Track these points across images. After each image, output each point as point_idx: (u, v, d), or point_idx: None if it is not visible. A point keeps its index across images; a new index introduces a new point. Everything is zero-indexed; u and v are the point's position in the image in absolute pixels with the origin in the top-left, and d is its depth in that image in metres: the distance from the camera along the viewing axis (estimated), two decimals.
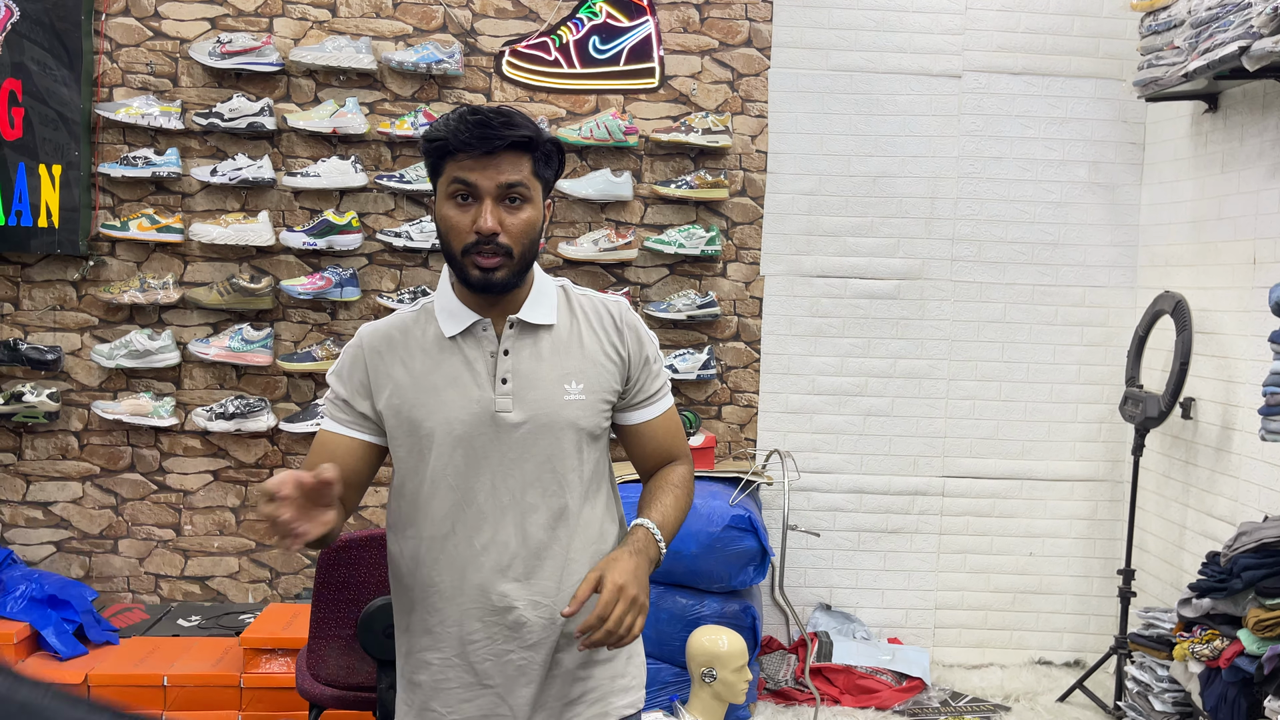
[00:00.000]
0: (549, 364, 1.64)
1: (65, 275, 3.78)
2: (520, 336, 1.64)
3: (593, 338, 1.68)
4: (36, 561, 3.83)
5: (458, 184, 1.56)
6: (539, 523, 1.62)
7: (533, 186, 1.59)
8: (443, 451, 1.61)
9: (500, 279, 1.58)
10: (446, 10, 3.82)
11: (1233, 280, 3.36)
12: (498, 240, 1.56)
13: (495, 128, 1.54)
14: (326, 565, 2.54)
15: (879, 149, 3.93)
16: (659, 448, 1.76)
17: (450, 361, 1.63)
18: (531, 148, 1.57)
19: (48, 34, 3.65)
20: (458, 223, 1.58)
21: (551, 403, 1.62)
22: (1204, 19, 3.06)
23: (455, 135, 1.54)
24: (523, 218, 1.58)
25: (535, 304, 1.66)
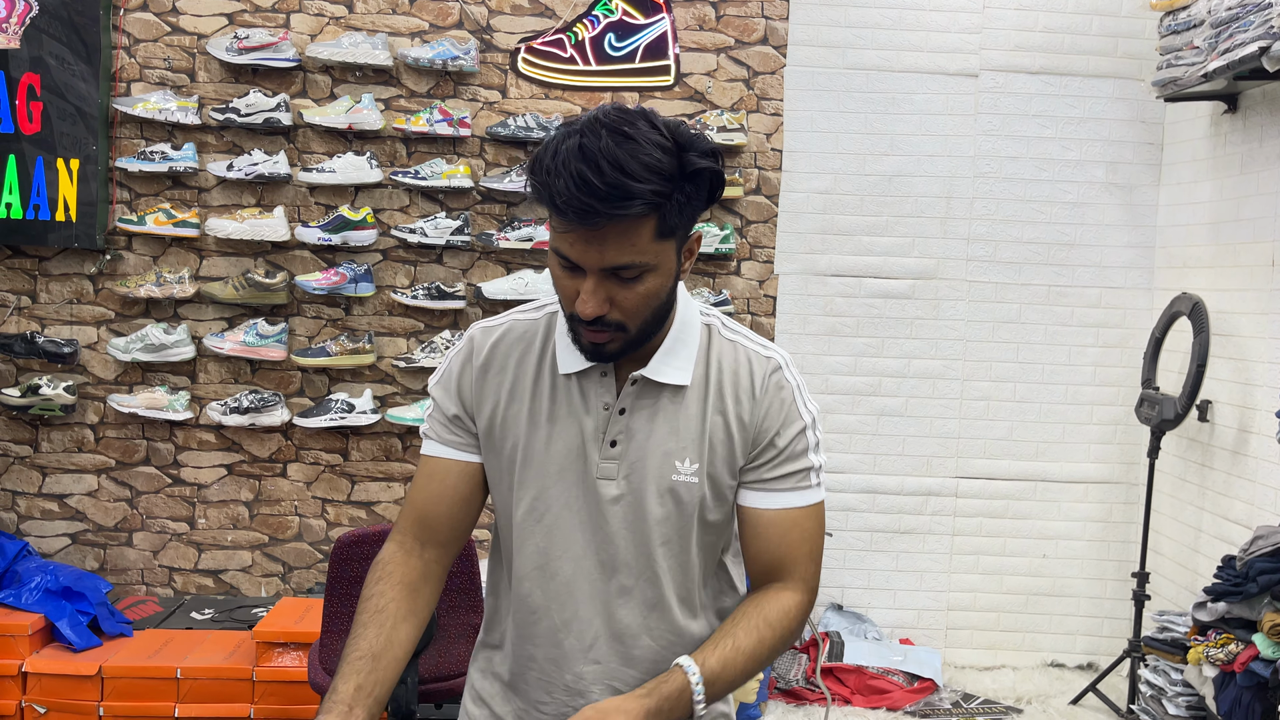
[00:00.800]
0: (664, 432, 1.37)
1: (82, 269, 3.80)
2: (642, 396, 1.38)
3: (720, 405, 1.38)
4: (52, 553, 3.86)
5: (557, 253, 1.27)
6: (630, 608, 1.40)
7: (657, 254, 1.26)
8: (536, 505, 1.41)
9: (613, 351, 1.32)
10: (463, 7, 3.83)
11: (1251, 282, 3.34)
12: (605, 319, 1.28)
13: (602, 199, 1.18)
14: (339, 560, 2.55)
15: (895, 148, 3.92)
16: (764, 551, 1.40)
17: (562, 403, 1.39)
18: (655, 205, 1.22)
19: (66, 29, 3.68)
20: (563, 286, 1.30)
21: (657, 480, 1.37)
22: (1224, 19, 3.03)
23: (553, 195, 1.20)
24: (639, 291, 1.27)
25: (668, 355, 1.37)
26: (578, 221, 1.20)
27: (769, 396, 1.39)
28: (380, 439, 3.89)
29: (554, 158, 1.21)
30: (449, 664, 2.57)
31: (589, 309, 1.25)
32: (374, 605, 1.39)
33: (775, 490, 1.39)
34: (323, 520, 3.91)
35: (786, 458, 1.39)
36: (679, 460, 1.37)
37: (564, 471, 1.39)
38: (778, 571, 1.40)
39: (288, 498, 3.89)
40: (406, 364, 3.78)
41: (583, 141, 1.20)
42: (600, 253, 1.23)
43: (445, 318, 3.86)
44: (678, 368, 1.37)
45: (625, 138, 1.20)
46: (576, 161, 1.19)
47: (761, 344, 1.44)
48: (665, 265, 1.28)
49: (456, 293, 3.78)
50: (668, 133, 1.24)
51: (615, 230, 1.22)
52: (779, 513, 1.39)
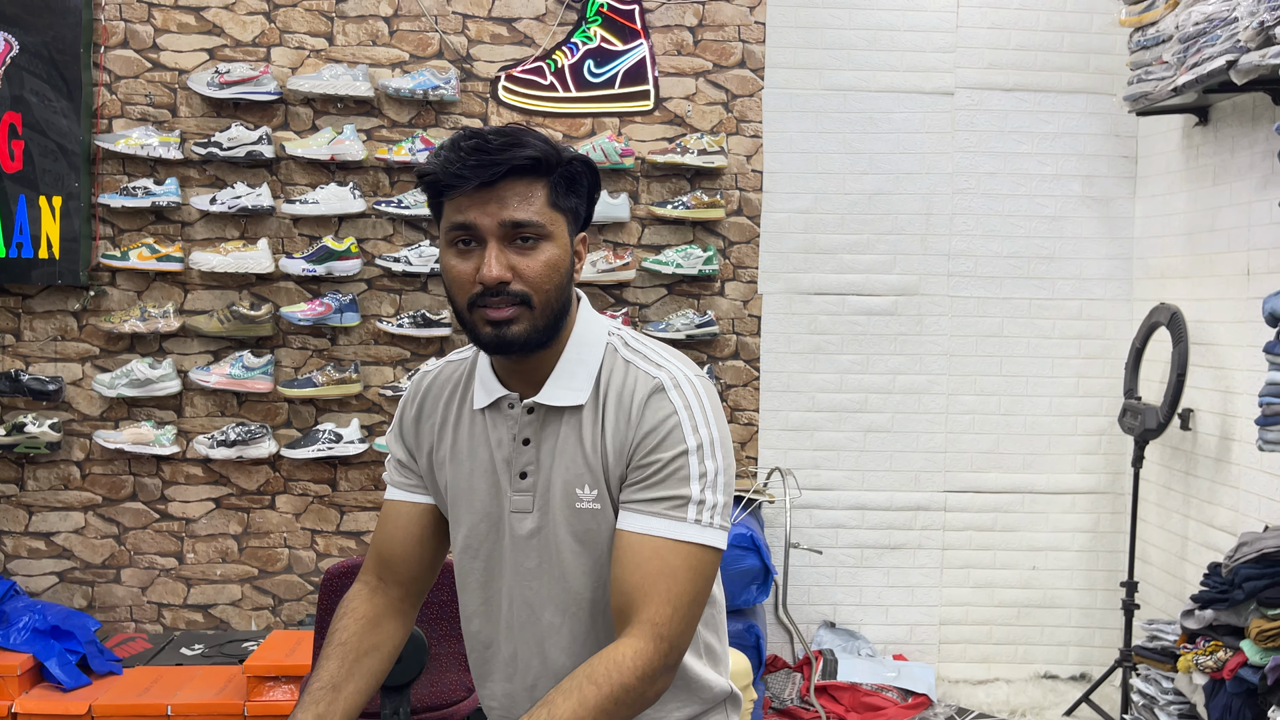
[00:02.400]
0: (565, 460, 1.33)
1: (66, 306, 3.80)
2: (542, 423, 1.34)
3: (606, 425, 1.32)
4: (39, 592, 3.83)
5: (457, 229, 1.27)
6: (561, 645, 1.37)
7: (552, 220, 1.29)
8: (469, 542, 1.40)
9: (517, 334, 1.27)
10: (442, 37, 3.86)
11: (1227, 291, 3.38)
12: (509, 289, 1.26)
13: (492, 152, 1.24)
14: (330, 591, 2.55)
15: (873, 166, 3.96)
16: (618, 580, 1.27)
17: (478, 438, 1.38)
18: (544, 170, 1.27)
19: (47, 66, 3.69)
20: (460, 273, 1.28)
21: (563, 510, 1.33)
22: (1192, 34, 3.09)
23: (446, 168, 1.25)
24: (541, 259, 1.28)
25: (564, 378, 1.33)
26: (472, 176, 1.24)
27: (644, 417, 1.29)
28: (368, 468, 3.88)
29: (442, 148, 1.29)
30: (441, 693, 2.56)
31: (493, 272, 1.25)
32: (337, 639, 1.41)
33: (640, 513, 1.27)
34: (312, 551, 3.90)
35: (657, 480, 1.27)
36: (579, 488, 1.31)
37: (486, 507, 1.38)
38: (628, 608, 1.25)
39: (276, 530, 3.88)
40: (393, 392, 3.78)
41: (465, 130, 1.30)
42: (500, 208, 1.26)
43: (431, 345, 3.87)
44: (573, 389, 1.32)
45: (499, 129, 1.29)
46: (462, 139, 1.27)
47: (657, 362, 1.34)
48: (560, 240, 1.30)
49: (442, 320, 3.79)
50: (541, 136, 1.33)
51: (511, 188, 1.26)
52: (638, 537, 1.26)
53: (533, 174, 1.27)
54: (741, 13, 3.91)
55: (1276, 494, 3.11)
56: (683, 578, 1.26)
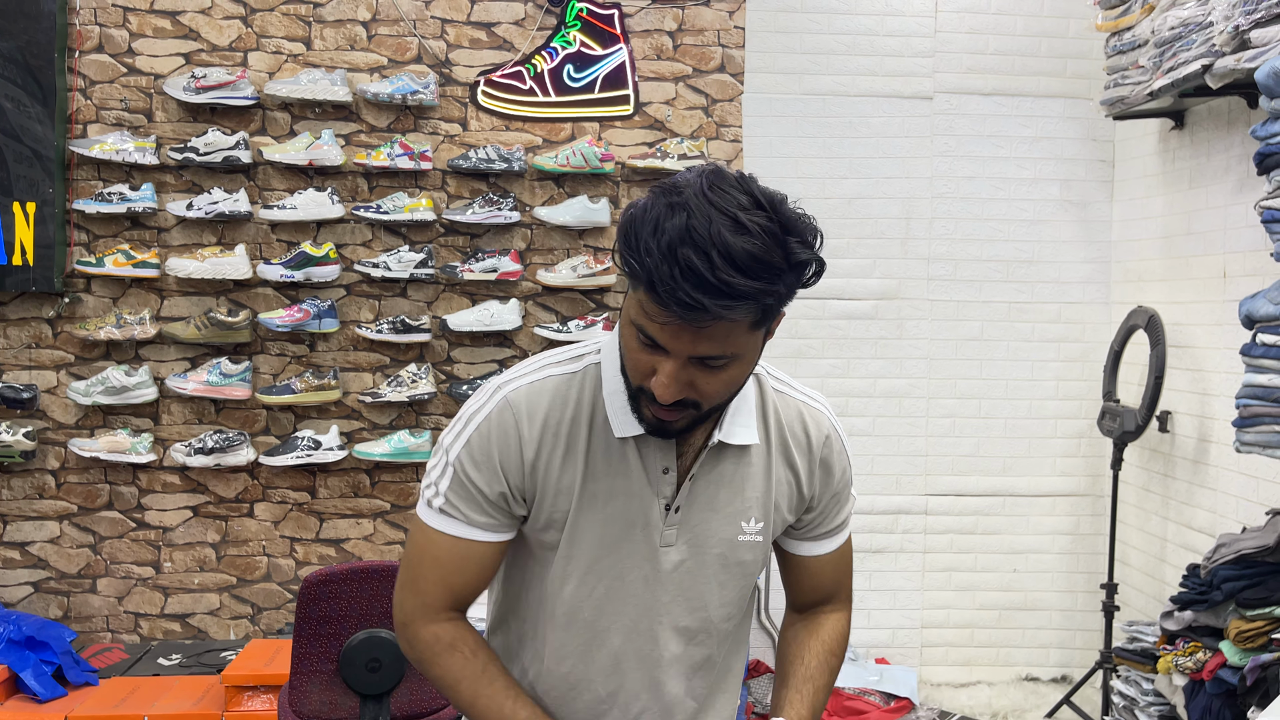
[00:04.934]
0: (729, 492, 1.31)
1: (40, 313, 3.76)
2: (711, 461, 1.30)
3: (784, 462, 1.34)
4: (14, 603, 3.78)
5: (641, 331, 1.16)
6: (676, 673, 1.36)
7: (746, 345, 1.18)
8: (585, 579, 1.32)
9: (678, 427, 1.22)
10: (421, 42, 3.85)
11: (1204, 294, 3.40)
12: (682, 401, 1.18)
13: (712, 295, 1.07)
14: (308, 600, 2.52)
15: (853, 171, 3.97)
16: (821, 585, 1.45)
17: (618, 469, 1.28)
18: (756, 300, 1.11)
19: (21, 71, 3.65)
20: (636, 360, 1.19)
21: (721, 543, 1.31)
22: (1167, 38, 3.11)
23: (655, 282, 1.09)
24: (724, 378, 1.19)
25: (736, 416, 1.29)
26: (680, 315, 1.09)
27: (827, 452, 1.38)
28: (348, 475, 3.85)
29: (656, 235, 1.09)
30: (421, 701, 2.54)
31: (669, 394, 1.15)
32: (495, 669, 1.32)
33: (828, 538, 1.44)
34: (291, 560, 3.87)
35: (840, 508, 1.43)
36: (744, 520, 1.32)
37: (621, 541, 1.30)
38: (830, 597, 1.47)
39: (255, 538, 3.85)
40: (373, 399, 3.76)
41: (691, 223, 1.08)
42: (693, 343, 1.13)
43: (411, 351, 3.85)
44: (745, 426, 1.31)
45: (735, 223, 1.09)
46: (684, 247, 1.07)
47: (807, 395, 1.40)
48: (752, 354, 1.21)
49: (421, 326, 3.77)
50: (772, 212, 1.14)
51: (713, 325, 1.12)
52: (835, 553, 1.45)
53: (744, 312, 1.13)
54: (721, 18, 3.91)
55: (1254, 495, 3.13)
56: (850, 554, 1.49)
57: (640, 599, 1.32)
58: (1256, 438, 2.75)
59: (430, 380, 3.77)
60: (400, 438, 3.79)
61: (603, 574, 1.31)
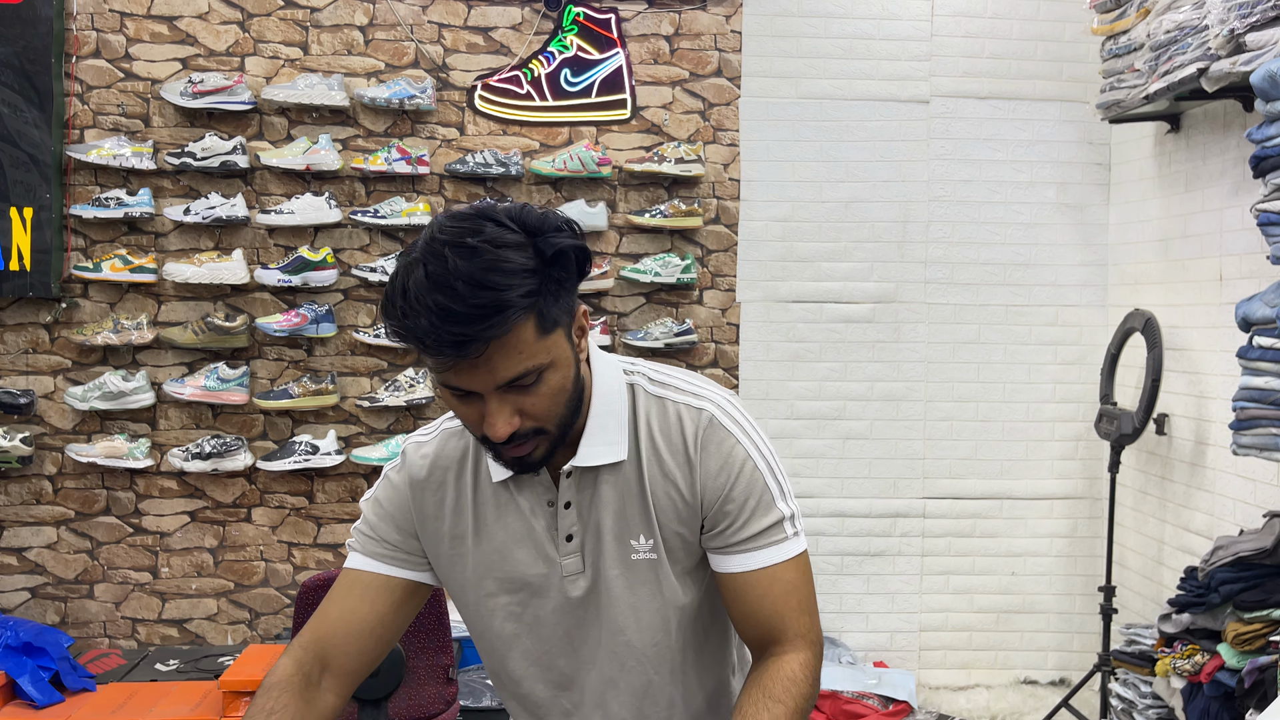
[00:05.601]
0: (612, 513, 1.29)
1: (37, 318, 3.75)
2: (581, 484, 1.29)
3: (659, 472, 1.28)
4: (11, 609, 3.78)
5: (448, 386, 1.16)
6: (622, 700, 1.36)
7: (548, 349, 1.16)
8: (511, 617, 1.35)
9: (539, 458, 1.22)
10: (418, 46, 3.85)
11: (1200, 297, 3.41)
12: (519, 432, 1.18)
13: (472, 323, 1.08)
14: (305, 604, 2.52)
15: (850, 174, 3.97)
16: (750, 615, 1.30)
17: (507, 511, 1.30)
18: (529, 309, 1.13)
19: (18, 76, 3.65)
20: (464, 415, 1.20)
21: (618, 564, 1.30)
22: (1163, 42, 3.11)
23: (420, 339, 1.10)
24: (544, 392, 1.17)
25: (596, 435, 1.27)
26: (457, 355, 1.10)
27: (707, 454, 1.27)
28: (345, 480, 3.85)
29: (404, 296, 1.10)
30: (419, 706, 2.54)
31: (500, 430, 1.15)
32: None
33: (747, 551, 1.28)
34: (289, 564, 3.86)
35: (750, 515, 1.28)
36: (632, 539, 1.29)
37: (527, 576, 1.32)
38: (770, 634, 1.30)
39: (253, 543, 3.84)
40: (370, 404, 3.76)
41: (428, 269, 1.09)
42: (490, 373, 1.13)
43: (409, 356, 3.85)
44: (609, 443, 1.27)
45: (470, 250, 1.09)
46: (429, 294, 1.07)
47: (693, 392, 1.31)
48: (562, 358, 1.18)
49: None
50: (511, 223, 1.14)
51: (496, 348, 1.11)
52: (757, 573, 1.28)
53: (518, 321, 1.12)
54: (718, 22, 3.92)
55: (1251, 498, 3.13)
56: (802, 585, 1.31)
57: (560, 626, 1.34)
58: (1253, 440, 2.76)
59: (428, 385, 3.77)
60: (398, 442, 3.79)
61: (523, 608, 1.33)
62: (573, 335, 1.22)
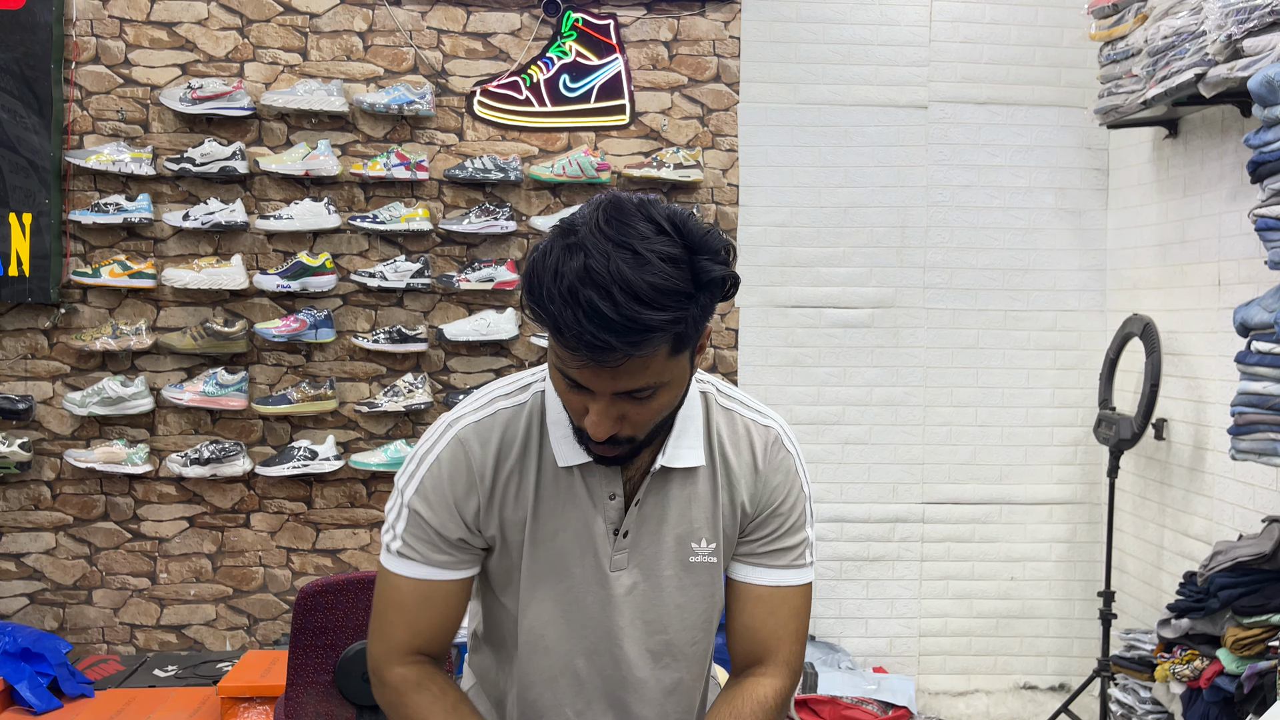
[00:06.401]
0: (677, 514, 1.31)
1: (36, 324, 3.75)
2: (656, 485, 1.30)
3: (727, 481, 1.32)
4: (9, 614, 3.77)
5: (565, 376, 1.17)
6: (645, 697, 1.36)
7: (672, 369, 1.17)
8: (542, 610, 1.33)
9: (622, 457, 1.24)
10: (417, 52, 3.85)
11: (1199, 302, 3.41)
12: (616, 436, 1.19)
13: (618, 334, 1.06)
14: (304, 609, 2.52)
15: (849, 180, 3.98)
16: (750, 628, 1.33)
17: (565, 498, 1.29)
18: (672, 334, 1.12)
19: (17, 82, 3.65)
20: (568, 401, 1.20)
21: (674, 565, 1.32)
22: (1160, 47, 3.12)
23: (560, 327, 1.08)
24: (654, 405, 1.18)
25: (681, 439, 1.29)
26: (591, 358, 1.09)
27: (772, 469, 1.32)
28: (344, 485, 3.85)
29: (556, 280, 1.07)
30: None
31: (601, 433, 1.16)
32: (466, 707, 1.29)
33: (769, 566, 1.33)
34: (288, 570, 3.86)
35: (786, 532, 1.33)
36: (695, 542, 1.31)
37: (573, 569, 1.31)
38: (761, 651, 1.33)
39: (251, 548, 3.84)
40: (369, 409, 3.76)
41: (589, 263, 1.06)
42: (613, 380, 1.12)
43: (407, 361, 3.85)
44: (689, 448, 1.29)
45: (635, 255, 1.06)
46: (584, 289, 1.05)
47: (759, 411, 1.37)
48: (680, 379, 1.20)
49: (418, 335, 3.77)
50: (676, 235, 1.10)
51: (631, 361, 1.10)
52: (771, 589, 1.32)
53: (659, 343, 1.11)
54: (716, 27, 3.92)
55: (1250, 503, 3.13)
56: (805, 616, 1.35)
57: (598, 623, 1.33)
58: (1252, 445, 2.76)
59: (427, 390, 3.77)
60: (397, 447, 3.79)
61: (559, 600, 1.32)
62: (694, 355, 1.23)
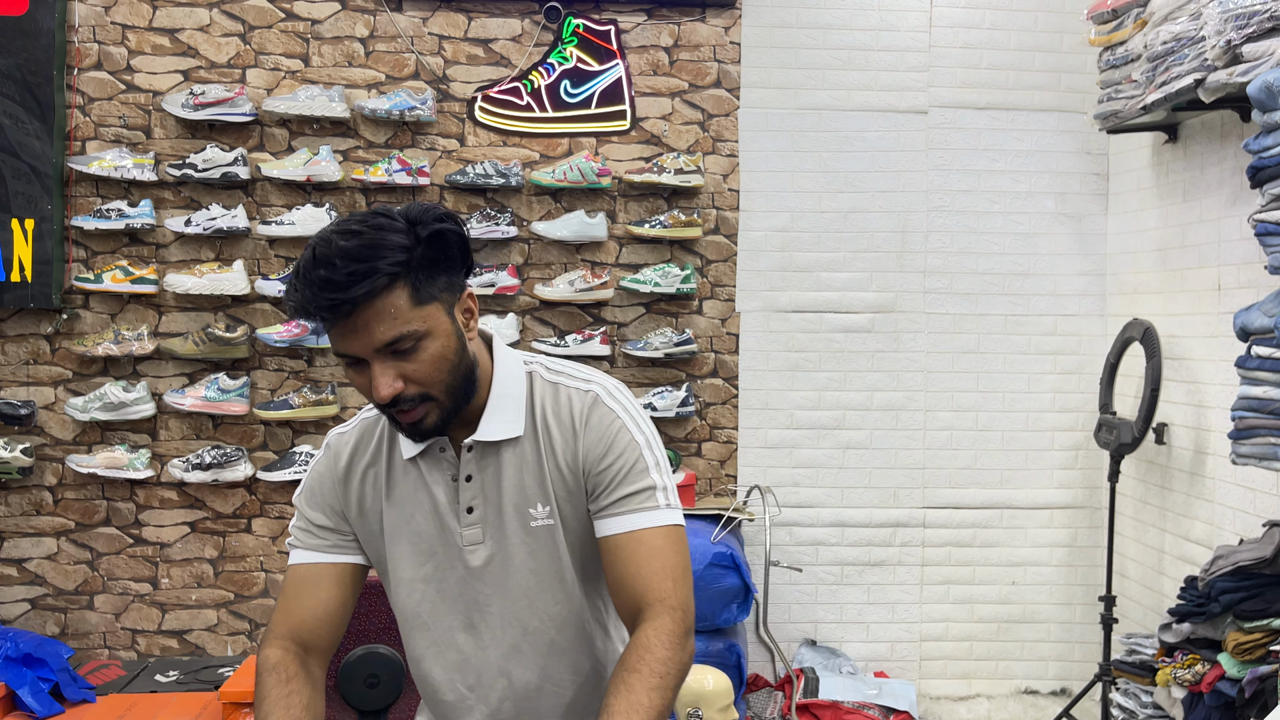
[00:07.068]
0: (512, 485, 1.41)
1: (38, 329, 3.76)
2: (482, 459, 1.42)
3: (549, 446, 1.41)
4: (11, 620, 3.78)
5: (339, 354, 1.33)
6: (527, 663, 1.46)
7: (423, 318, 1.30)
8: (414, 590, 1.46)
9: (432, 425, 1.35)
10: (418, 58, 3.86)
11: (1199, 306, 3.42)
12: (406, 396, 1.31)
13: (341, 287, 1.23)
14: None
15: (849, 185, 3.99)
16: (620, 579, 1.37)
17: (413, 486, 1.44)
18: (398, 274, 1.27)
19: (19, 88, 3.66)
20: (360, 385, 1.34)
21: (518, 532, 1.41)
22: (1160, 53, 3.13)
23: (303, 305, 1.27)
24: (425, 359, 1.31)
25: (495, 413, 1.40)
26: (333, 317, 1.26)
27: (589, 428, 1.40)
28: None
29: (296, 275, 1.28)
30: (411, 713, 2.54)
31: (383, 391, 1.29)
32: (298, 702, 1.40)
33: (618, 514, 1.38)
34: None
35: (622, 479, 1.38)
36: (531, 507, 1.41)
37: (434, 548, 1.43)
38: (636, 599, 1.35)
39: (253, 553, 3.84)
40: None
41: (314, 248, 1.27)
42: (368, 335, 1.27)
43: None
44: (506, 422, 1.40)
45: (352, 234, 1.26)
46: (312, 270, 1.25)
47: (583, 379, 1.45)
48: (439, 329, 1.32)
49: None
50: (398, 215, 1.31)
51: (370, 312, 1.26)
52: (623, 536, 1.37)
53: (388, 288, 1.27)
54: (717, 33, 3.93)
55: (1250, 507, 3.13)
56: (671, 554, 1.37)
57: (465, 596, 1.44)
58: (1252, 450, 2.76)
59: None
60: None
61: (429, 580, 1.45)
62: (455, 313, 1.36)
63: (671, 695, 1.28)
